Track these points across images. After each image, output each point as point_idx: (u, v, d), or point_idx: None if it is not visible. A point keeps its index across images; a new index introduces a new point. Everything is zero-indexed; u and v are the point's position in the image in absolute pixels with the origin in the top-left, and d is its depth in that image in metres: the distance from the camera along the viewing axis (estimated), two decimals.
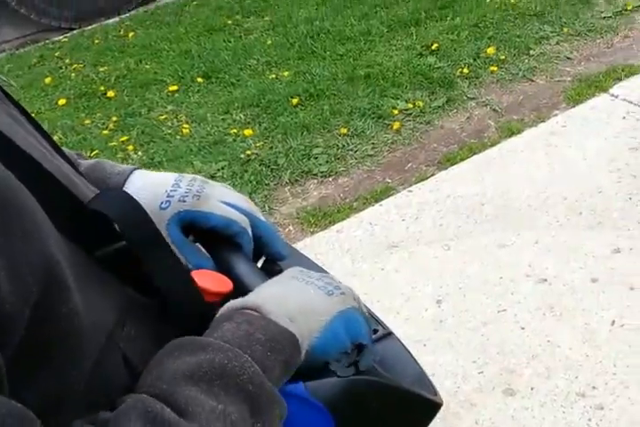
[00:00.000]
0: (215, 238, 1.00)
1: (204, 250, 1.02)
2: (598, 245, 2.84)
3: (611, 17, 4.41)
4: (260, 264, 1.04)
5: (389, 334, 0.99)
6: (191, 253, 0.99)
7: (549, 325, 2.56)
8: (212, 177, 3.58)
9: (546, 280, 2.74)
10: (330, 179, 3.56)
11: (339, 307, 0.89)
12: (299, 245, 3.16)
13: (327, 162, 3.62)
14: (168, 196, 0.99)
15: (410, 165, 3.55)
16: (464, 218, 3.12)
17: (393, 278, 2.91)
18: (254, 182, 3.57)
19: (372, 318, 0.98)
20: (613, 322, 2.52)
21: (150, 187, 1.01)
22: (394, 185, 3.43)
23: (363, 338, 0.90)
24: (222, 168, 3.67)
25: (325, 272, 0.98)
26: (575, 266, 2.77)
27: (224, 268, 0.97)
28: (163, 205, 0.99)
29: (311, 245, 3.17)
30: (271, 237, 1.03)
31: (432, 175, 3.43)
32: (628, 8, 4.43)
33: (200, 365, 0.75)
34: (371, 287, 2.88)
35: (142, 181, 1.02)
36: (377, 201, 3.34)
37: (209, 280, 0.90)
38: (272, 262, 1.04)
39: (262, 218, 1.03)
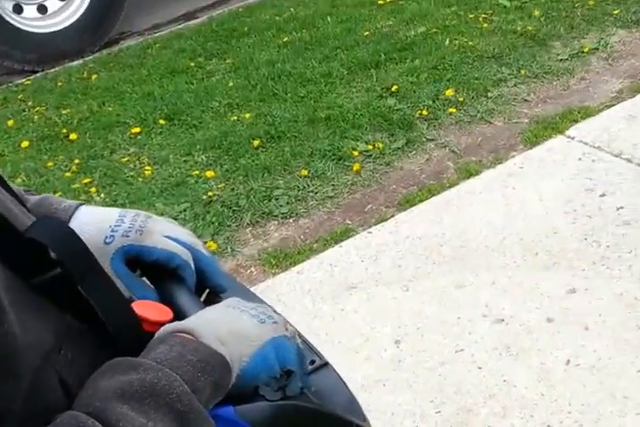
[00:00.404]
0: (159, 272, 1.04)
1: (148, 283, 1.06)
2: (554, 286, 2.88)
3: (567, 59, 4.50)
4: (203, 296, 1.08)
5: (326, 364, 1.04)
6: (136, 286, 1.03)
7: (506, 364, 2.59)
8: (175, 219, 3.59)
9: (502, 320, 2.78)
10: (290, 220, 3.59)
11: (270, 334, 0.94)
12: (260, 287, 3.19)
13: (288, 203, 3.66)
14: (112, 231, 1.03)
15: (369, 206, 3.59)
16: (423, 259, 3.16)
17: (352, 319, 2.94)
18: (216, 224, 3.59)
19: (309, 349, 1.04)
20: (568, 362, 2.56)
21: (95, 222, 1.04)
22: (354, 226, 3.47)
23: (292, 364, 0.95)
24: (184, 210, 3.69)
25: (264, 303, 1.03)
26: (531, 306, 2.81)
27: (167, 299, 1.02)
28: (107, 240, 1.02)
29: (272, 287, 3.19)
30: (213, 270, 1.08)
31: (391, 217, 3.47)
32: (585, 50, 4.52)
33: (131, 383, 0.79)
34: (331, 328, 2.91)
35: (87, 216, 1.06)
36: (337, 242, 3.37)
37: (150, 310, 0.95)
38: (214, 295, 1.08)
39: (205, 251, 1.08)
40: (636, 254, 2.95)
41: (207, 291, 1.09)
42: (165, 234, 1.04)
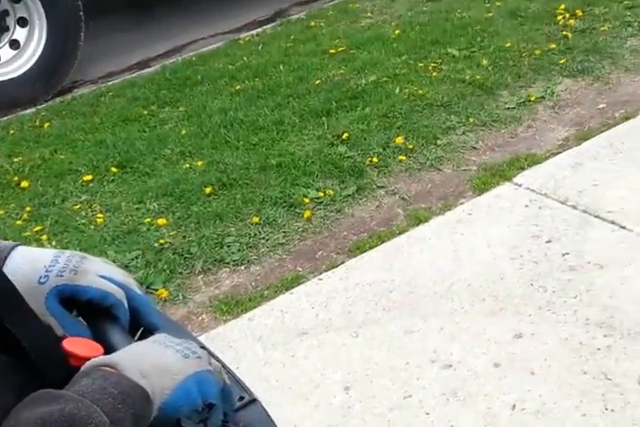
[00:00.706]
0: (94, 310, 1.07)
1: (83, 321, 1.09)
2: (501, 331, 2.92)
3: (514, 108, 4.59)
4: (138, 335, 1.11)
5: (254, 400, 1.08)
6: (69, 324, 1.05)
7: (453, 410, 2.61)
8: (126, 266, 3.61)
9: (450, 366, 2.80)
10: (242, 267, 3.61)
11: (193, 368, 0.97)
12: (212, 334, 3.20)
13: (239, 250, 3.68)
14: (47, 271, 1.05)
15: (320, 253, 3.62)
16: (372, 305, 3.18)
17: (303, 365, 2.95)
18: (168, 271, 3.60)
19: (238, 386, 1.08)
20: (514, 406, 2.58)
21: (30, 262, 1.07)
22: (304, 273, 3.49)
23: (213, 398, 0.97)
24: (136, 257, 3.70)
25: (193, 340, 1.07)
26: (478, 351, 2.84)
27: (100, 337, 1.05)
28: (41, 280, 1.05)
29: (224, 334, 3.20)
30: (146, 308, 1.12)
31: (342, 263, 3.50)
32: (531, 99, 4.62)
33: (51, 414, 0.82)
34: (281, 374, 2.92)
35: (22, 256, 1.08)
36: (287, 289, 3.39)
37: (80, 346, 0.98)
38: (148, 333, 1.11)
39: (138, 291, 1.11)
40: (581, 300, 3.00)
41: (141, 329, 1.12)
42: (100, 274, 1.07)
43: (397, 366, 2.84)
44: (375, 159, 4.19)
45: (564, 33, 5.23)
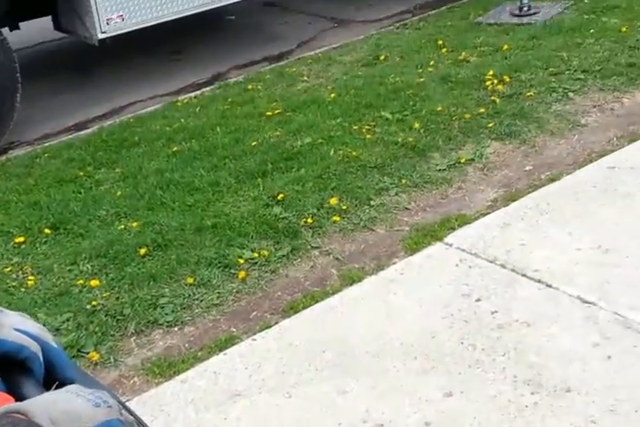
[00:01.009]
0: (8, 364, 1.08)
1: None
2: (432, 389, 2.95)
3: (445, 169, 4.68)
4: (53, 388, 1.12)
5: None
6: None
7: None
8: (57, 329, 3.59)
9: (382, 425, 2.82)
10: (176, 328, 3.60)
11: (103, 417, 0.97)
12: (144, 397, 3.18)
13: (173, 311, 3.68)
14: None
15: (254, 313, 3.63)
16: (305, 365, 3.20)
17: None
18: (100, 334, 3.58)
19: None
20: None
21: None
22: (238, 334, 3.50)
23: None
24: (67, 320, 3.67)
25: (105, 391, 1.08)
26: (409, 411, 2.86)
27: (13, 390, 1.05)
28: None
29: (156, 396, 3.18)
30: (62, 362, 1.12)
31: (276, 323, 3.51)
32: (461, 161, 4.72)
33: None
34: None
35: None
36: (221, 350, 3.39)
37: None
38: (63, 386, 1.12)
39: (54, 344, 1.12)
40: (509, 357, 3.05)
41: (57, 383, 1.13)
42: (15, 327, 1.08)
43: (329, 425, 2.85)
44: (310, 220, 4.24)
45: (493, 98, 5.37)
